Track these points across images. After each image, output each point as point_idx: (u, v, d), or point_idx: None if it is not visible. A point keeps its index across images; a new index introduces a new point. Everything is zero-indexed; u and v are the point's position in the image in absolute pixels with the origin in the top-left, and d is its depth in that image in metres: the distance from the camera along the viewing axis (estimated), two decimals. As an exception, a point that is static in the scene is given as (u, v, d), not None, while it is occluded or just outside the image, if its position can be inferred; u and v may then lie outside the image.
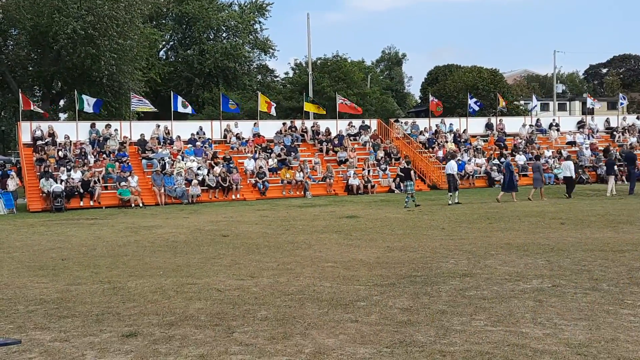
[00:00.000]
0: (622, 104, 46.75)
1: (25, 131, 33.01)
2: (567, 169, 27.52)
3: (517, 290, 8.86)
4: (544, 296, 8.44)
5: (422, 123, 40.86)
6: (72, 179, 28.97)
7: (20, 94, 33.60)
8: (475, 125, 41.13)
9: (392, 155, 36.31)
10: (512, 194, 25.54)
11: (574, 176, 27.68)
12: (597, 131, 42.12)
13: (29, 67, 46.25)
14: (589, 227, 16.17)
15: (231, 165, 32.35)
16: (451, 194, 25.09)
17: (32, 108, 33.90)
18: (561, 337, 6.60)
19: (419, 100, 79.41)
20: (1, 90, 48.46)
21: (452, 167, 26.07)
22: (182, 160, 32.17)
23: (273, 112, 39.26)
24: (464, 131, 39.78)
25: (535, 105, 44.63)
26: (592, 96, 50.39)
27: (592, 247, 12.60)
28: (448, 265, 11.00)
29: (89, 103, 34.69)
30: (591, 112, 45.78)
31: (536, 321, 7.23)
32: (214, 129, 36.42)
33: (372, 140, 37.83)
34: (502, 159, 34.64)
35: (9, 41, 46.07)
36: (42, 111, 35.51)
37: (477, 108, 41.97)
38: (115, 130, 34.21)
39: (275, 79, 67.15)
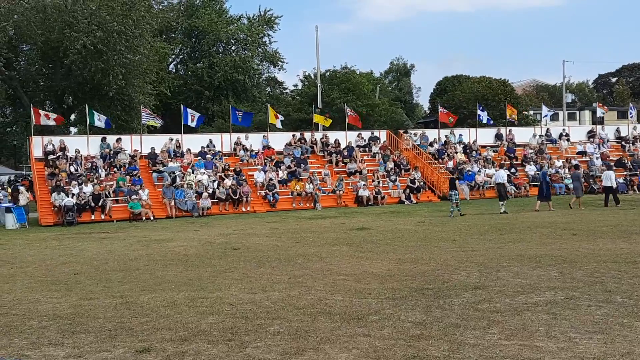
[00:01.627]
0: (631, 114, 46.57)
1: (37, 145, 33.20)
2: (608, 178, 27.29)
3: (530, 302, 8.82)
4: (557, 309, 8.39)
5: (432, 134, 40.85)
6: (84, 192, 29.09)
7: (31, 109, 33.81)
8: (484, 136, 41.07)
9: (401, 166, 36.29)
10: (549, 204, 25.77)
11: (614, 186, 27.52)
12: (608, 141, 41.96)
13: (40, 82, 46.57)
14: (601, 237, 16.09)
15: (241, 177, 32.40)
16: (502, 202, 25.36)
17: (41, 122, 34.07)
18: (576, 351, 6.56)
19: (428, 111, 79.38)
20: (13, 105, 48.82)
21: (501, 176, 26.45)
22: (193, 173, 32.25)
23: (279, 124, 39.34)
24: (474, 142, 39.73)
25: (547, 115, 44.49)
26: (601, 104, 50.11)
27: (605, 258, 12.53)
28: (460, 277, 10.97)
29: (100, 118, 34.95)
30: (601, 121, 45.60)
31: (550, 335, 7.20)
32: (223, 141, 36.51)
33: (381, 151, 37.83)
34: (540, 169, 34.36)
35: (20, 57, 46.44)
36: (54, 122, 35.55)
37: (485, 121, 41.90)
38: (122, 148, 34.34)
39: (284, 91, 67.37)
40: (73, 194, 28.77)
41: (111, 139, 34.67)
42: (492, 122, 42.44)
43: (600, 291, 9.42)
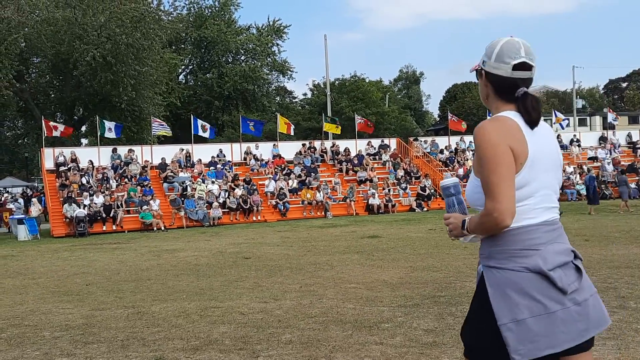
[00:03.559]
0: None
1: (48, 157, 33.38)
2: None
3: (543, 309, 8.74)
4: (570, 315, 8.31)
5: (442, 141, 40.80)
6: (95, 203, 29.21)
7: (43, 121, 34.01)
8: (495, 143, 40.93)
9: (412, 174, 36.25)
10: (591, 207, 26.32)
11: None
12: (619, 146, 41.77)
13: (51, 94, 46.87)
14: (614, 243, 15.99)
15: (252, 187, 32.44)
16: None
17: (53, 133, 34.26)
18: (589, 357, 6.49)
19: (438, 119, 79.29)
20: (24, 117, 49.12)
21: None
22: (203, 183, 32.32)
23: (291, 131, 39.39)
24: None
25: (567, 119, 44.10)
26: (612, 110, 49.87)
27: (618, 264, 12.45)
28: (472, 284, 10.89)
29: (110, 128, 35.09)
30: (612, 126, 45.38)
31: (563, 341, 7.13)
32: (234, 151, 36.60)
33: (391, 159, 37.81)
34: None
35: (31, 69, 46.75)
36: (62, 129, 35.65)
37: None
38: (133, 159, 34.47)
39: (293, 100, 67.49)
40: (84, 205, 28.89)
41: (122, 149, 34.84)
42: None
43: (613, 297, 9.34)
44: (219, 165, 34.54)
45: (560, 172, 3.20)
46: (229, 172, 34.28)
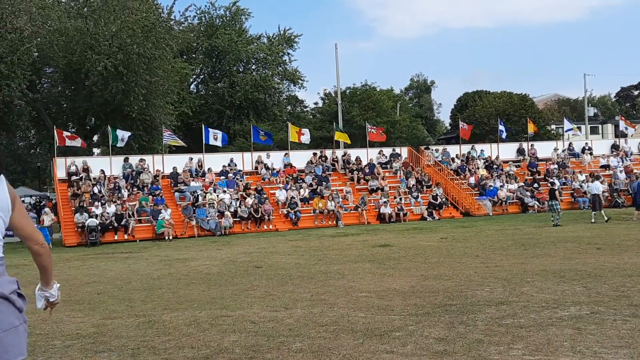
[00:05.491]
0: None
1: (60, 167, 33.54)
2: None
3: (555, 317, 8.71)
4: (582, 324, 8.27)
5: (453, 150, 40.72)
6: (107, 213, 29.31)
7: (55, 130, 34.19)
8: (506, 151, 40.87)
9: (423, 182, 36.17)
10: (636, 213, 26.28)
11: None
12: (632, 154, 41.55)
13: (63, 104, 47.08)
14: (627, 251, 15.88)
15: (263, 196, 32.45)
16: (595, 212, 26.18)
17: (66, 143, 34.43)
18: (602, 366, 6.46)
19: (449, 127, 79.18)
20: (36, 127, 49.36)
21: (597, 187, 27.27)
22: (214, 192, 32.37)
23: (304, 140, 39.37)
24: (496, 157, 39.52)
25: (570, 129, 44.06)
26: (624, 118, 49.57)
27: (631, 272, 12.37)
28: (483, 293, 10.87)
29: (122, 138, 35.25)
30: (624, 134, 45.15)
31: (575, 350, 7.09)
32: (245, 160, 36.66)
33: (403, 168, 37.75)
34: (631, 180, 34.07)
35: (43, 79, 47.03)
36: (79, 144, 35.82)
37: (504, 136, 41.62)
38: (145, 168, 34.55)
39: (305, 109, 67.56)
40: (96, 215, 28.99)
41: (134, 159, 34.97)
42: (506, 136, 42.16)
43: (626, 305, 9.28)
44: (230, 175, 34.60)
45: (7, 217, 3.79)
46: (240, 181, 34.33)
